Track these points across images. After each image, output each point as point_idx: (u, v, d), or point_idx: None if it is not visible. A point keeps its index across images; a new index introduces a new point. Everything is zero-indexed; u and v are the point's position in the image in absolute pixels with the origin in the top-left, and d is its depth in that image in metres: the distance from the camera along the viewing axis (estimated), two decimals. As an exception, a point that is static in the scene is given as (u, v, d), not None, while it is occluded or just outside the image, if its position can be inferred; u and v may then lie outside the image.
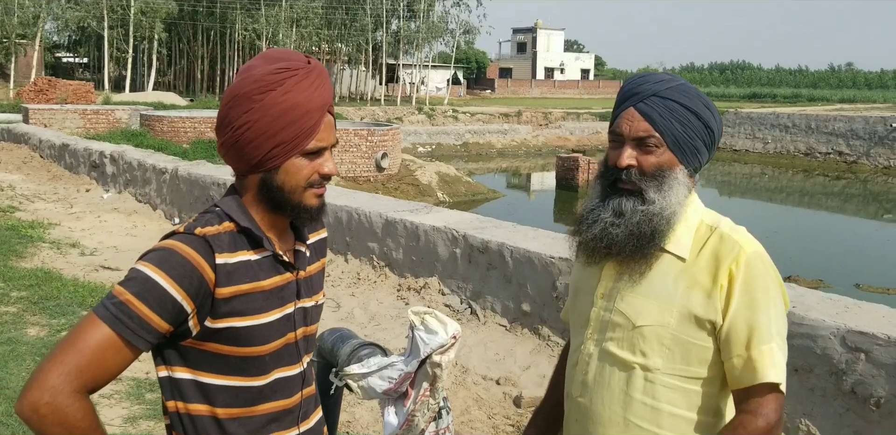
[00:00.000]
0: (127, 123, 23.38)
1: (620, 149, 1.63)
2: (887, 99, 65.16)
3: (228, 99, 1.41)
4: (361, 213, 6.70)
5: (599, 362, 1.68)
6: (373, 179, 19.31)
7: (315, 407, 1.61)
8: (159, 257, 1.35)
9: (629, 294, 1.64)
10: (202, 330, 1.38)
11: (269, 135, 1.39)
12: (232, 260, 1.39)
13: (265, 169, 1.42)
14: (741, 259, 1.56)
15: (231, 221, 1.43)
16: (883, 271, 13.51)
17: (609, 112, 9.53)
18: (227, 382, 1.42)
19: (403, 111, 37.81)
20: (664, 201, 1.60)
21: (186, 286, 1.33)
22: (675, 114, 1.60)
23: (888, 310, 3.78)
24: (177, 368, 1.41)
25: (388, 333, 5.39)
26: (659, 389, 1.60)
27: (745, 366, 1.54)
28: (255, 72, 1.39)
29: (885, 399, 3.39)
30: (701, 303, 1.57)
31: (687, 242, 1.63)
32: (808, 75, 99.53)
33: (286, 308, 1.47)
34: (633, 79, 1.69)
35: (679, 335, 1.58)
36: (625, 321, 1.64)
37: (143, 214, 10.28)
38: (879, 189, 27.11)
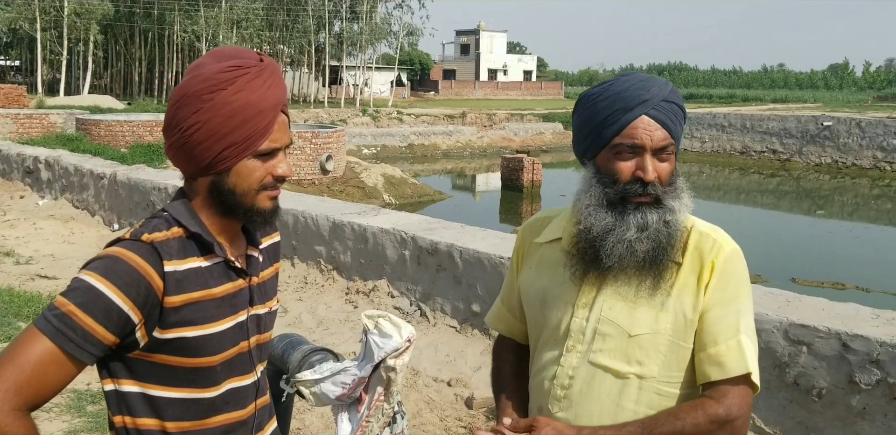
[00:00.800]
0: (62, 128, 22.71)
1: (636, 161, 1.52)
2: (817, 98, 67.32)
3: (177, 98, 1.35)
4: (308, 216, 6.62)
5: (587, 375, 1.59)
6: (318, 182, 19.13)
7: (269, 417, 1.56)
8: (104, 266, 1.28)
9: (618, 303, 1.56)
10: (150, 341, 1.32)
11: (220, 136, 1.33)
12: (181, 267, 1.34)
13: (216, 171, 1.36)
14: (721, 256, 1.55)
15: (180, 227, 1.37)
16: (817, 266, 13.94)
17: (552, 113, 9.54)
18: (176, 395, 1.36)
19: (347, 113, 37.57)
20: (682, 206, 1.55)
21: (133, 296, 1.27)
22: (678, 117, 1.56)
23: (827, 302, 3.89)
24: (123, 381, 1.35)
25: (338, 338, 5.33)
26: (653, 398, 1.55)
27: (722, 356, 1.51)
28: (205, 70, 1.34)
29: (827, 390, 3.49)
30: (691, 304, 1.54)
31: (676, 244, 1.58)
32: (742, 76, 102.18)
33: (238, 316, 1.42)
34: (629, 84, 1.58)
35: (675, 341, 1.54)
36: (617, 331, 1.56)
37: (81, 221, 10.00)
38: (812, 186, 27.97)
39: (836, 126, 30.64)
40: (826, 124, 30.88)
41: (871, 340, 3.37)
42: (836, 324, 3.52)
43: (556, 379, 1.62)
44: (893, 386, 3.31)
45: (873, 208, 23.90)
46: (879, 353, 3.34)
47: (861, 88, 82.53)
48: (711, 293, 1.53)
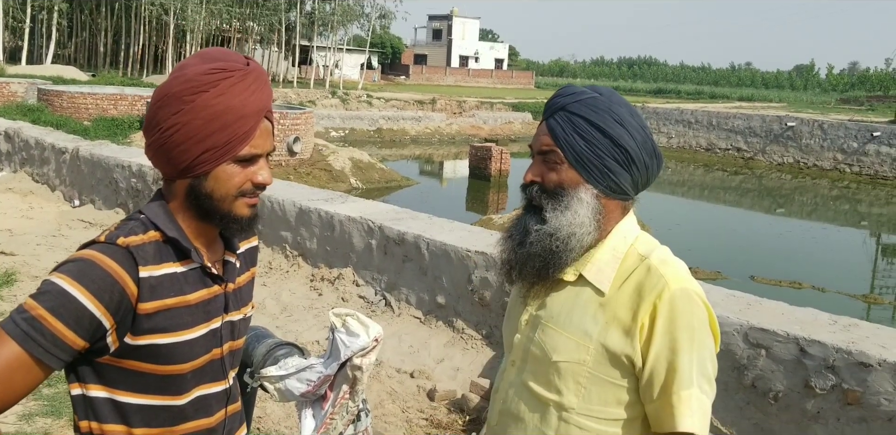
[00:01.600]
0: (23, 97, 22.15)
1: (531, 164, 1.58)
2: (782, 98, 68.34)
3: (158, 98, 1.33)
4: (275, 200, 6.55)
5: (517, 393, 1.59)
6: (284, 164, 18.94)
7: (240, 424, 1.53)
8: (77, 269, 1.25)
9: (549, 326, 1.54)
10: (121, 347, 1.29)
11: (199, 139, 1.31)
12: (157, 273, 1.31)
13: (194, 175, 1.34)
14: (664, 295, 1.44)
15: (157, 230, 1.35)
16: (775, 264, 14.17)
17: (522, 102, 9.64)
18: (145, 401, 1.34)
19: (317, 94, 37.18)
20: (556, 221, 1.49)
21: (106, 301, 1.24)
22: (578, 129, 1.50)
23: (787, 307, 3.96)
24: (91, 386, 1.32)
25: (301, 325, 5.30)
26: (573, 430, 1.50)
27: (663, 411, 1.44)
28: (188, 71, 1.31)
29: (783, 393, 3.56)
30: (619, 340, 1.46)
31: (609, 272, 1.51)
32: (710, 73, 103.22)
33: (212, 323, 1.40)
34: (556, 92, 1.62)
35: (596, 374, 1.48)
36: (542, 354, 1.54)
37: (41, 196, 9.79)
38: (773, 185, 28.41)
39: (800, 127, 31.13)
40: (790, 125, 31.35)
41: (827, 345, 3.44)
42: (795, 329, 3.59)
43: (497, 392, 1.65)
44: (847, 391, 3.38)
45: (831, 209, 24.37)
46: (835, 359, 3.41)
47: (825, 90, 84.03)
48: (657, 338, 1.43)
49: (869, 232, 20.89)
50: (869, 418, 3.34)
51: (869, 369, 3.32)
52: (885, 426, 3.29)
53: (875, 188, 27.12)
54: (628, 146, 1.49)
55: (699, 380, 1.43)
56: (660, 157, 1.57)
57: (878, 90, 72.30)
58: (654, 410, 1.46)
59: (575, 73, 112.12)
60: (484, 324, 4.99)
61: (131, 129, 18.74)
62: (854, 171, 29.09)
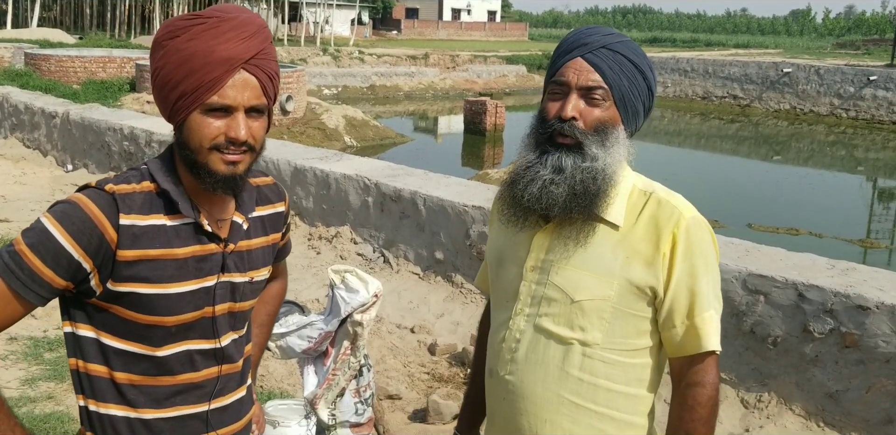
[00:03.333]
0: (10, 62, 21.81)
1: (563, 99, 1.51)
2: (778, 44, 67.58)
3: (150, 46, 1.38)
4: (269, 160, 6.50)
5: (533, 339, 1.58)
6: (277, 123, 18.77)
7: (237, 385, 1.50)
8: (62, 211, 1.29)
9: (565, 267, 1.54)
10: (105, 291, 1.31)
11: (172, 85, 1.31)
12: (141, 222, 1.31)
13: (175, 122, 1.35)
14: (682, 225, 1.50)
15: (152, 181, 1.35)
16: (772, 211, 14.19)
17: (516, 55, 9.49)
18: (126, 347, 1.36)
19: (307, 52, 36.65)
20: (608, 158, 1.50)
21: (84, 244, 1.27)
22: (624, 69, 1.51)
23: (785, 253, 3.97)
24: (80, 325, 1.36)
25: (300, 284, 5.32)
26: (597, 365, 1.54)
27: (688, 334, 1.51)
28: (173, 19, 1.36)
29: (782, 338, 3.59)
30: (642, 272, 1.50)
31: (620, 209, 1.54)
32: (705, 20, 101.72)
33: (205, 281, 1.38)
34: (578, 30, 1.59)
35: (619, 308, 1.52)
36: (561, 296, 1.54)
37: (33, 161, 9.72)
38: (770, 132, 28.27)
39: (796, 73, 30.82)
40: (786, 71, 31.04)
41: (825, 290, 3.46)
42: (793, 274, 3.60)
43: (504, 342, 1.62)
44: (845, 335, 3.41)
45: (828, 155, 24.31)
46: (833, 303, 3.43)
47: (821, 35, 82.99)
48: (678, 266, 1.50)
49: (865, 177, 20.89)
50: (867, 360, 3.37)
51: (867, 312, 3.34)
52: (883, 368, 3.32)
53: (871, 133, 27.01)
54: (653, 92, 1.57)
55: (714, 301, 1.52)
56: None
57: (874, 33, 71.48)
58: (675, 335, 1.52)
59: (569, 24, 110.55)
60: (483, 278, 5.01)
61: (121, 92, 18.52)
62: (850, 116, 28.93)
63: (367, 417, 2.20)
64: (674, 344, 1.54)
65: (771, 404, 3.58)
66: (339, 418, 2.11)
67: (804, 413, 3.52)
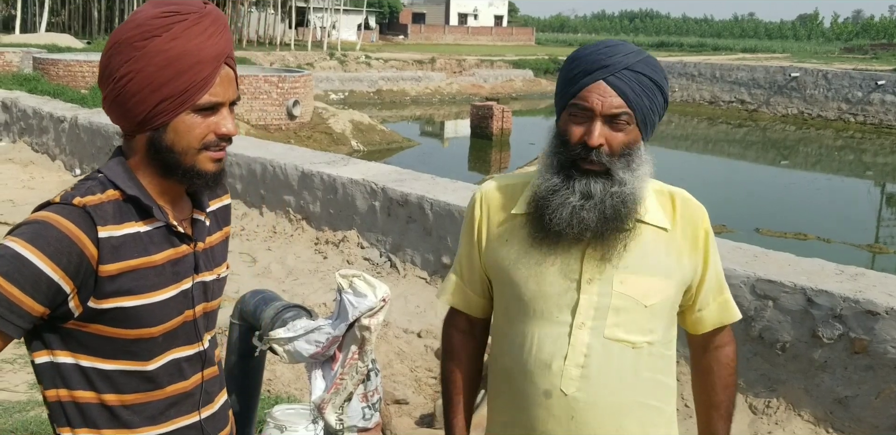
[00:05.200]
0: (19, 67, 21.93)
1: (586, 125, 1.50)
2: (786, 49, 67.46)
3: (109, 46, 1.25)
4: (276, 164, 6.52)
5: (604, 351, 1.55)
6: (284, 128, 18.82)
7: (219, 389, 1.47)
8: (32, 232, 1.18)
9: (628, 275, 1.56)
10: (85, 311, 1.23)
11: (155, 87, 1.23)
12: (118, 233, 1.24)
13: (152, 127, 1.26)
14: (706, 220, 1.65)
15: (116, 189, 1.27)
16: (780, 216, 14.15)
17: (522, 59, 9.48)
18: (113, 367, 1.28)
19: (314, 57, 36.77)
20: (636, 182, 1.52)
21: (64, 264, 1.18)
22: (645, 89, 1.51)
23: (793, 258, 3.95)
24: (59, 352, 1.26)
25: (307, 288, 5.32)
26: (657, 362, 1.61)
27: (722, 308, 1.68)
28: (139, 15, 1.24)
29: (791, 343, 3.57)
30: (689, 268, 1.62)
31: (659, 211, 1.61)
32: (713, 25, 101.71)
33: (182, 284, 1.33)
34: (598, 47, 1.55)
35: (674, 304, 1.63)
36: (632, 304, 1.56)
37: (41, 165, 9.77)
38: (778, 136, 28.21)
39: (804, 77, 30.76)
40: (794, 75, 30.97)
41: (834, 295, 3.44)
42: (802, 279, 3.58)
43: (567, 359, 1.56)
44: (854, 340, 3.39)
45: (836, 159, 24.23)
46: (842, 308, 3.41)
47: (829, 39, 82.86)
48: (710, 254, 1.64)
49: (873, 182, 20.81)
50: (876, 366, 3.35)
51: (876, 318, 3.32)
52: (892, 373, 3.30)
53: (880, 137, 26.92)
54: (666, 102, 1.59)
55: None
56: None
57: (882, 38, 71.31)
58: (711, 311, 1.67)
59: (576, 28, 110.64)
60: (490, 282, 5.00)
61: (129, 97, 18.57)
62: (859, 121, 28.84)
63: (374, 421, 2.20)
64: (709, 320, 1.68)
65: (780, 410, 3.57)
66: (347, 423, 2.10)
67: (813, 419, 3.50)
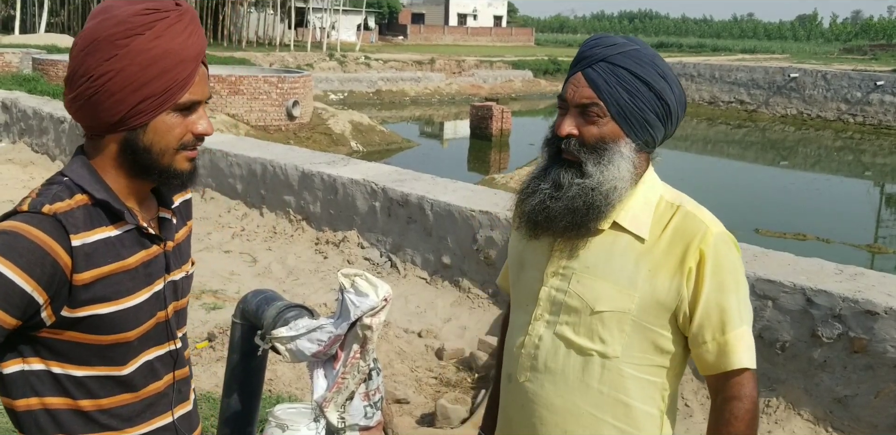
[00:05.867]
0: (18, 67, 21.93)
1: (565, 116, 1.52)
2: (785, 49, 67.56)
3: (85, 44, 1.21)
4: (276, 165, 6.53)
5: (552, 346, 1.56)
6: (284, 128, 18.82)
7: (189, 389, 1.47)
8: (2, 243, 1.14)
9: (586, 276, 1.52)
10: (58, 320, 1.20)
11: (136, 87, 1.20)
12: (90, 239, 1.21)
13: (129, 127, 1.23)
14: (709, 240, 1.47)
15: (84, 193, 1.23)
16: (779, 216, 14.16)
17: (522, 60, 9.52)
18: (88, 373, 1.26)
19: (314, 57, 36.77)
20: (601, 176, 1.48)
21: (38, 275, 1.14)
22: (622, 81, 1.47)
23: (793, 258, 3.97)
24: (30, 360, 1.23)
25: (308, 288, 5.33)
26: (616, 379, 1.51)
27: (721, 351, 1.48)
28: (118, 12, 1.20)
29: (790, 343, 3.58)
30: (666, 287, 1.48)
31: (646, 220, 1.52)
32: (712, 25, 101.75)
33: (155, 286, 1.32)
34: (587, 41, 1.56)
35: (640, 322, 1.50)
36: (582, 305, 1.52)
37: (41, 166, 9.77)
38: (777, 137, 28.23)
39: (803, 78, 30.79)
40: (793, 76, 31.00)
41: (834, 295, 3.45)
42: (801, 279, 3.59)
43: (523, 347, 1.60)
44: (853, 340, 3.41)
45: (835, 160, 24.26)
46: (841, 307, 3.43)
47: (828, 40, 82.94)
48: (707, 282, 1.47)
49: (873, 182, 20.83)
50: (875, 366, 3.36)
51: (875, 317, 3.33)
52: (891, 373, 3.31)
53: (879, 138, 26.94)
54: (670, 100, 1.50)
55: (745, 317, 1.50)
56: (685, 110, 1.59)
57: (881, 38, 71.36)
58: (706, 352, 1.49)
59: (575, 29, 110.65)
60: (490, 283, 5.01)
61: (129, 97, 18.57)
62: (858, 121, 28.86)
63: (376, 420, 2.21)
64: (707, 362, 1.51)
65: (779, 409, 3.58)
66: (349, 422, 2.12)
67: (812, 418, 3.51)
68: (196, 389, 3.87)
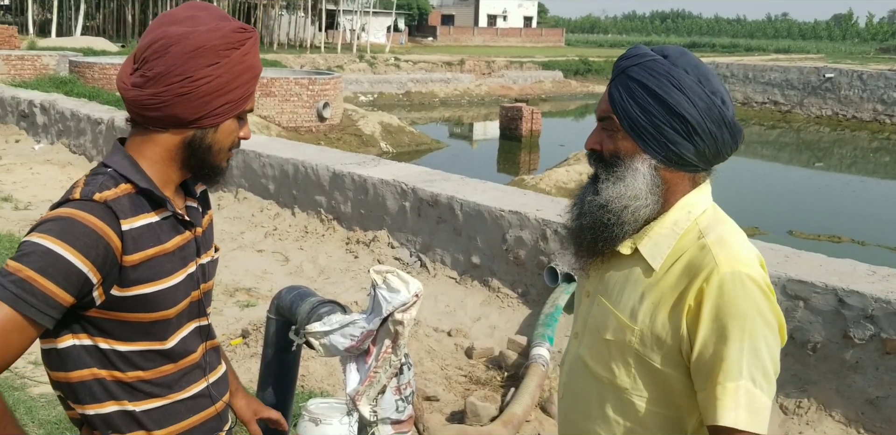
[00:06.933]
0: (55, 70, 22.36)
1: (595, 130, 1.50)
2: (820, 49, 66.55)
3: (189, 49, 1.35)
4: (308, 165, 6.61)
5: (575, 367, 1.54)
6: (315, 130, 18.99)
7: (218, 360, 1.61)
8: (60, 228, 1.26)
9: (603, 301, 1.47)
10: (108, 299, 1.33)
11: (223, 92, 1.38)
12: (135, 224, 1.35)
13: (201, 125, 1.39)
14: (713, 279, 1.33)
15: (128, 183, 1.37)
16: (814, 218, 13.99)
17: (552, 61, 9.50)
18: (133, 348, 1.39)
19: (344, 59, 37.03)
20: (607, 193, 1.41)
21: (93, 257, 1.27)
22: (634, 95, 1.40)
23: (825, 258, 3.94)
24: (82, 336, 1.36)
25: (339, 287, 5.39)
26: (630, 411, 1.43)
27: (708, 402, 1.33)
28: (215, 26, 1.37)
29: (822, 344, 3.56)
30: (664, 323, 1.37)
31: (664, 248, 1.41)
32: (745, 25, 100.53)
33: (189, 268, 1.46)
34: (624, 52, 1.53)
35: (643, 357, 1.40)
36: (596, 331, 1.48)
37: (79, 166, 9.96)
38: (811, 138, 27.86)
39: (838, 78, 30.35)
40: (828, 76, 30.56)
41: (866, 296, 3.43)
42: (833, 280, 3.57)
43: (564, 364, 1.60)
44: (886, 341, 3.38)
45: (871, 161, 23.88)
46: (874, 308, 3.40)
47: (864, 40, 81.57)
48: (704, 324, 1.33)
49: (910, 184, 20.47)
50: (909, 367, 3.33)
51: (909, 319, 3.30)
52: (926, 375, 3.28)
53: (917, 139, 26.46)
54: (687, 114, 1.38)
55: (751, 372, 1.30)
56: (732, 126, 1.44)
57: (919, 38, 69.91)
58: (701, 399, 1.36)
59: (606, 29, 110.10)
60: (519, 283, 5.03)
61: (163, 99, 18.83)
62: (894, 122, 28.37)
63: (407, 414, 2.26)
64: (701, 408, 1.37)
65: (811, 410, 3.56)
66: (381, 415, 2.16)
67: (844, 419, 3.49)
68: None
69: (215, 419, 1.56)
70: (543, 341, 4.20)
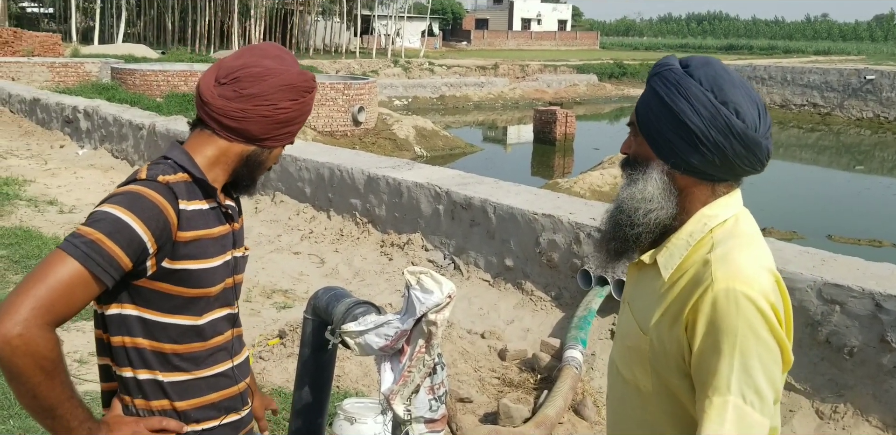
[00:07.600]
0: (97, 77, 22.84)
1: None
2: (861, 51, 65.39)
3: (282, 84, 1.61)
4: (343, 169, 6.69)
5: (613, 371, 1.58)
6: (349, 134, 19.15)
7: (242, 346, 1.77)
8: (128, 201, 1.46)
9: (627, 307, 1.53)
10: (158, 270, 1.50)
11: (292, 123, 1.64)
12: (190, 207, 1.53)
13: (264, 145, 1.64)
14: (707, 295, 1.33)
15: (185, 172, 1.56)
16: (854, 222, 13.75)
17: (586, 64, 9.48)
18: (171, 320, 1.55)
19: (379, 64, 37.28)
20: (622, 194, 1.47)
21: (153, 228, 1.45)
22: (649, 102, 1.46)
23: (862, 262, 3.90)
24: (126, 306, 1.53)
25: (373, 289, 5.45)
26: (660, 416, 1.45)
27: (697, 415, 1.33)
28: (303, 73, 1.65)
29: (858, 348, 3.53)
30: (669, 334, 1.39)
31: (676, 260, 1.43)
32: (784, 26, 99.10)
33: (227, 255, 1.64)
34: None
35: (654, 365, 1.43)
36: (622, 336, 1.54)
37: (121, 171, 10.17)
38: (852, 141, 27.39)
39: (880, 79, 29.80)
40: (869, 78, 30.03)
41: (905, 300, 3.39)
42: (871, 284, 3.54)
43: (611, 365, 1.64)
44: (925, 346, 3.33)
45: (914, 164, 23.43)
46: (913, 313, 3.36)
47: (907, 40, 79.80)
48: (699, 338, 1.33)
49: (955, 187, 20.01)
50: (948, 373, 3.29)
51: (948, 323, 3.26)
52: (966, 380, 3.24)
53: (961, 141, 25.86)
54: (689, 122, 1.38)
55: (741, 388, 1.29)
56: (743, 137, 1.38)
57: (965, 38, 68.29)
58: (696, 412, 1.35)
59: (641, 32, 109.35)
60: (553, 285, 5.04)
61: (202, 105, 19.13)
62: (939, 125, 27.77)
63: (440, 413, 2.30)
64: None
65: (847, 415, 3.52)
66: (415, 414, 2.21)
67: (881, 425, 3.45)
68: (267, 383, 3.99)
69: (235, 398, 1.70)
70: (576, 344, 4.21)
